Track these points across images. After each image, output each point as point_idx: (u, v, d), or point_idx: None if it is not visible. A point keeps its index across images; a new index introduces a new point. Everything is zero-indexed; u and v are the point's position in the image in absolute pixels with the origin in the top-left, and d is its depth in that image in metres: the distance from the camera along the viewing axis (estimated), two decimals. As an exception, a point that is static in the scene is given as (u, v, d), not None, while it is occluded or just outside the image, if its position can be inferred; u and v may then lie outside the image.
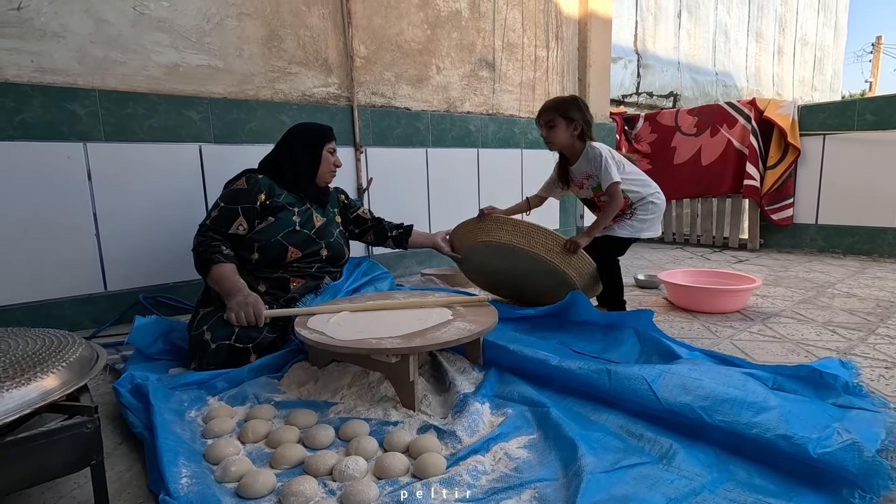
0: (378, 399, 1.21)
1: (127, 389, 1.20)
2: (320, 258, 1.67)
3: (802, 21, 7.55)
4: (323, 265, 1.69)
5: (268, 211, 1.60)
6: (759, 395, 1.00)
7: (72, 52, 1.86)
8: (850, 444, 0.84)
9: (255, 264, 1.59)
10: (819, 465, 0.84)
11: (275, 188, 1.63)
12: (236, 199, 1.57)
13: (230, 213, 1.56)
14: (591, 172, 1.87)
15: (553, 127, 1.84)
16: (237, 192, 1.58)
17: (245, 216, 1.57)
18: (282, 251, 1.59)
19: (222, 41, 2.19)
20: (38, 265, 1.85)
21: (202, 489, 0.82)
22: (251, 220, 1.58)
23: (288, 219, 1.61)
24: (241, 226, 1.57)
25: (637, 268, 3.05)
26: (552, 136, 1.86)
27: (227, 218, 1.56)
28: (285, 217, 1.61)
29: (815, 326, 1.81)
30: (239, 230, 1.56)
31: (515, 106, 3.39)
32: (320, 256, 1.67)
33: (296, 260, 1.62)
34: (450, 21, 2.98)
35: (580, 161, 1.89)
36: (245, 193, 1.58)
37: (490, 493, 0.85)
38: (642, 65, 4.99)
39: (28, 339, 0.99)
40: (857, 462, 0.81)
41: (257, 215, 1.59)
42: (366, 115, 2.65)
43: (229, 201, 1.57)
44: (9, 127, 1.76)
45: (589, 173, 1.88)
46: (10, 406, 0.75)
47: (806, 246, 3.46)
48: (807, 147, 3.36)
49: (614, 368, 1.15)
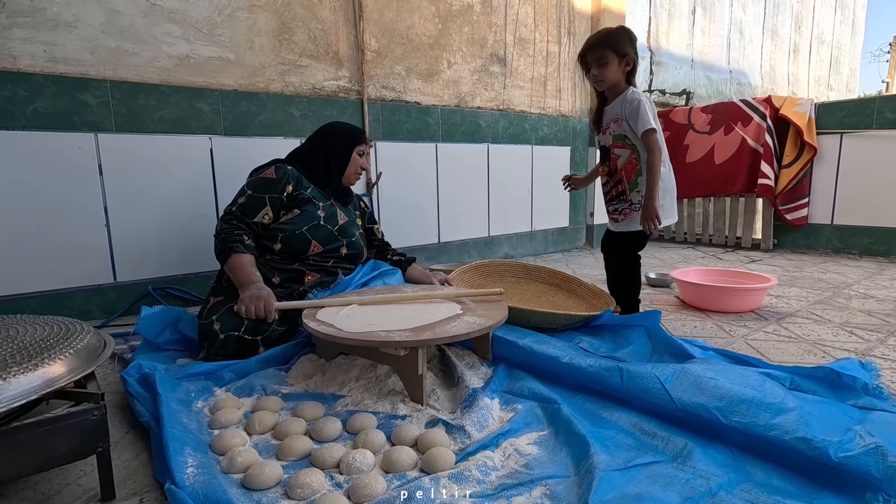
0: (386, 392, 1.19)
1: (134, 379, 1.19)
2: (339, 255, 1.67)
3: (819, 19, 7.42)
4: (340, 262, 1.69)
5: (294, 203, 1.60)
6: (777, 396, 0.97)
7: (84, 42, 1.86)
8: (874, 448, 0.81)
9: (276, 254, 1.58)
10: (841, 469, 0.81)
11: (303, 181, 1.64)
12: (264, 188, 1.57)
13: (257, 202, 1.56)
14: (620, 116, 1.67)
15: (605, 64, 1.62)
16: (265, 182, 1.58)
17: (271, 206, 1.57)
18: (305, 244, 1.59)
19: (233, 33, 2.18)
20: (49, 255, 1.85)
21: (208, 479, 0.81)
22: (277, 210, 1.58)
23: (313, 213, 1.62)
24: (267, 215, 1.57)
25: (648, 266, 3.01)
26: (604, 74, 1.64)
27: (254, 206, 1.55)
28: (311, 210, 1.61)
29: (831, 327, 1.77)
30: (264, 219, 1.56)
31: (526, 102, 3.36)
32: (340, 254, 1.67)
33: (316, 254, 1.62)
34: (461, 15, 2.96)
35: (615, 102, 1.69)
36: (273, 183, 1.58)
37: (500, 490, 0.83)
38: (655, 62, 4.92)
39: (36, 326, 0.98)
40: (881, 467, 0.79)
41: (283, 206, 1.59)
42: (375, 109, 2.64)
43: (257, 189, 1.57)
44: (21, 116, 1.77)
45: (618, 116, 1.68)
46: (16, 391, 0.75)
47: (821, 246, 3.40)
48: (823, 146, 3.30)
49: (626, 367, 1.12)
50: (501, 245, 3.34)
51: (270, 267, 1.57)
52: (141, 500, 0.85)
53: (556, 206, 3.64)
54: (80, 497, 0.86)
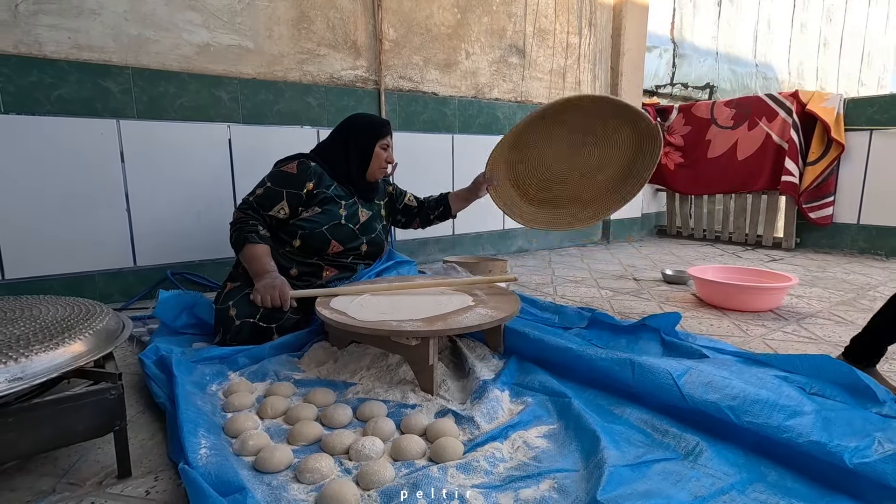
0: (397, 382, 1.20)
1: (152, 361, 1.22)
2: (359, 252, 1.67)
3: (851, 11, 7.17)
4: (360, 258, 1.69)
5: (314, 200, 1.57)
6: (793, 399, 0.95)
7: (107, 29, 1.89)
8: (892, 455, 0.79)
9: (295, 249, 1.58)
10: (856, 475, 0.79)
11: (325, 178, 1.60)
12: (284, 182, 1.55)
13: (274, 195, 1.54)
14: None
15: None
16: (286, 176, 1.56)
17: (288, 201, 1.54)
18: (324, 243, 1.57)
19: (253, 21, 2.19)
20: (72, 239, 1.90)
21: (220, 461, 0.82)
22: (294, 206, 1.56)
23: (335, 212, 1.59)
24: (283, 210, 1.55)
25: (665, 263, 2.97)
26: None
27: (271, 199, 1.54)
28: (333, 210, 1.59)
29: (854, 329, 1.72)
30: (280, 214, 1.55)
31: (545, 94, 3.32)
32: (360, 251, 1.66)
33: (335, 252, 1.61)
34: (480, 5, 2.93)
35: None
36: (293, 179, 1.55)
37: (508, 481, 0.83)
38: (678, 54, 4.81)
39: (58, 307, 1.01)
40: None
41: (301, 202, 1.56)
42: (393, 100, 2.63)
43: (276, 183, 1.55)
44: (46, 102, 1.80)
45: None
46: (38, 369, 0.77)
47: (846, 246, 3.31)
48: (851, 143, 3.19)
49: (638, 361, 1.11)
50: (517, 238, 3.33)
51: (289, 258, 1.58)
52: (156, 479, 0.87)
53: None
54: (98, 473, 0.88)
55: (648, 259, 3.13)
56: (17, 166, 1.78)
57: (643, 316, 1.59)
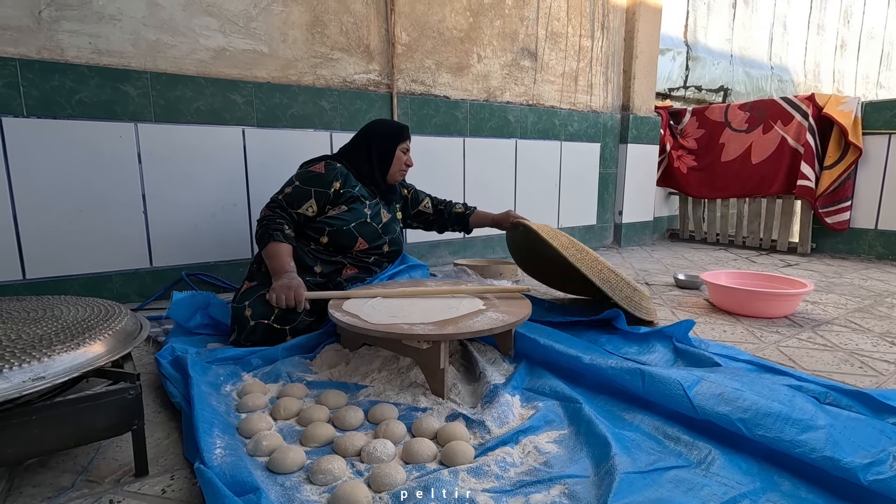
0: (407, 385, 1.21)
1: (167, 361, 1.24)
2: (382, 252, 1.73)
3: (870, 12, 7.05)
4: (382, 258, 1.75)
5: (341, 199, 1.65)
6: (807, 413, 0.93)
7: (126, 34, 1.93)
8: (908, 471, 0.77)
9: (322, 245, 1.64)
10: (870, 492, 0.78)
11: (350, 178, 1.68)
12: (312, 181, 1.62)
13: (303, 194, 1.60)
14: None
15: None
16: (314, 175, 1.63)
17: (316, 199, 1.61)
18: (352, 239, 1.64)
19: (268, 26, 2.22)
20: (91, 240, 1.94)
21: (235, 461, 0.83)
22: (322, 204, 1.62)
23: (361, 210, 1.66)
24: (311, 208, 1.61)
25: (677, 267, 2.94)
26: None
27: (300, 197, 1.60)
28: (359, 208, 1.66)
29: (871, 337, 1.69)
30: (308, 211, 1.61)
31: (557, 97, 3.31)
32: (382, 251, 1.73)
33: (361, 250, 1.67)
34: (493, 9, 2.93)
35: None
36: (321, 178, 1.62)
37: (518, 486, 0.83)
38: (692, 57, 4.78)
39: (79, 307, 1.03)
40: (918, 490, 0.75)
41: (329, 201, 1.63)
42: (405, 103, 2.65)
43: (305, 182, 1.62)
44: (67, 105, 1.84)
45: None
46: (60, 368, 0.79)
47: (863, 252, 3.26)
48: (869, 147, 3.14)
49: (648, 370, 1.10)
50: (527, 241, 3.32)
51: (314, 257, 1.63)
52: (172, 478, 0.89)
53: (583, 203, 3.59)
54: (116, 471, 0.90)
55: (660, 263, 3.11)
56: (39, 168, 1.82)
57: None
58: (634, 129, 3.65)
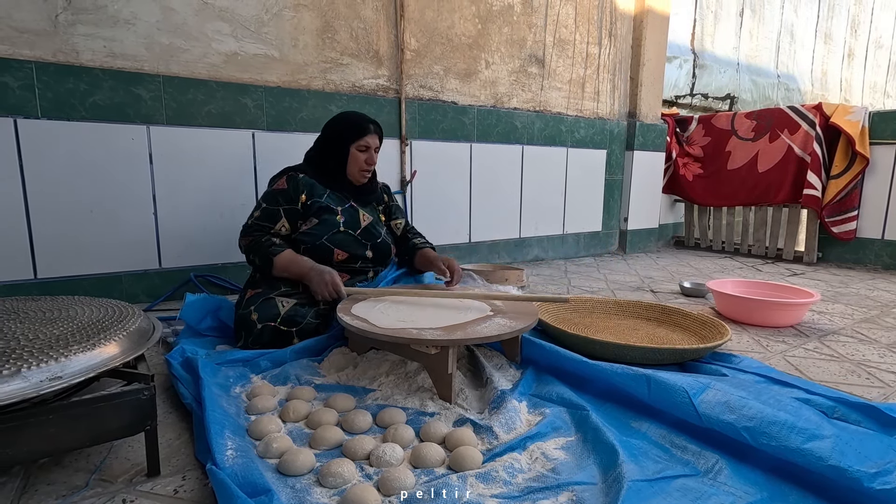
0: (415, 389, 1.21)
1: (178, 362, 1.25)
2: (366, 258, 1.67)
3: (878, 22, 7.04)
4: (367, 263, 1.69)
5: (310, 212, 1.59)
6: (812, 423, 0.94)
7: (140, 38, 1.96)
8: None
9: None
10: (878, 500, 0.78)
11: (316, 187, 1.62)
12: (277, 200, 1.58)
13: (272, 215, 1.58)
14: None
15: None
16: (278, 193, 1.59)
17: (287, 217, 1.58)
18: (328, 253, 1.59)
19: (279, 31, 2.24)
20: (101, 240, 1.96)
21: (246, 462, 0.84)
22: (293, 220, 1.59)
23: (332, 220, 1.60)
24: (284, 226, 1.58)
25: (683, 275, 2.94)
26: None
27: (270, 218, 1.58)
28: (329, 218, 1.60)
29: (878, 347, 1.69)
30: (281, 231, 1.58)
31: (563, 103, 3.33)
32: (366, 257, 1.67)
33: (342, 260, 1.62)
34: (501, 16, 2.95)
35: None
36: (285, 194, 1.58)
37: (526, 492, 0.84)
38: (698, 65, 4.79)
39: (93, 308, 1.05)
40: (925, 500, 0.75)
41: (299, 216, 1.59)
42: (413, 108, 2.66)
43: (270, 202, 1.58)
44: (81, 108, 1.87)
45: None
46: (76, 369, 0.80)
47: (869, 262, 3.25)
48: (876, 156, 3.14)
49: (654, 376, 1.11)
50: (532, 247, 3.33)
51: None
52: (183, 478, 0.90)
53: (589, 209, 3.60)
54: (128, 471, 0.91)
55: (666, 271, 3.11)
56: (51, 169, 1.84)
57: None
58: (641, 136, 3.66)
